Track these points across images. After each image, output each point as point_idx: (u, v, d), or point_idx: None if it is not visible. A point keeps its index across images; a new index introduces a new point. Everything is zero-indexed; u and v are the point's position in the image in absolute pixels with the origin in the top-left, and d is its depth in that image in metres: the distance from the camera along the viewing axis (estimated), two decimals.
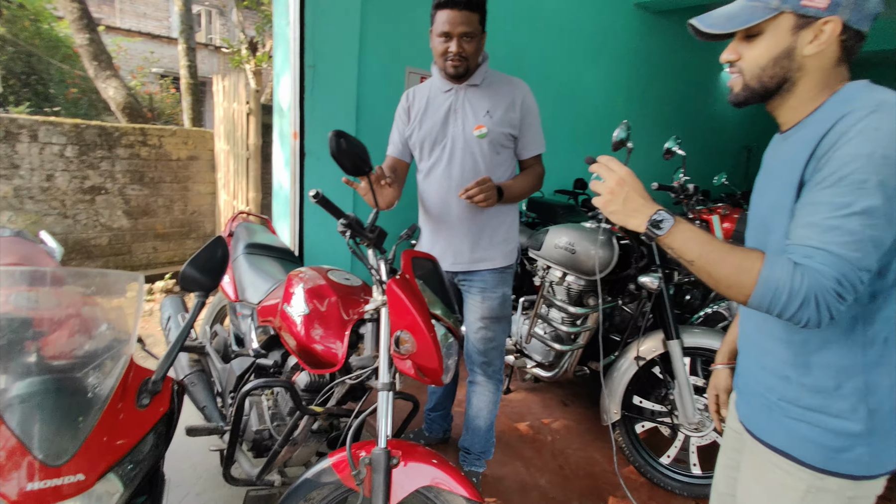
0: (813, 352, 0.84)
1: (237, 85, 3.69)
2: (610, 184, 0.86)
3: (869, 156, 0.70)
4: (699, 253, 0.80)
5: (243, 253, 2.00)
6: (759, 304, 0.76)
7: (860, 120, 0.71)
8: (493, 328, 1.80)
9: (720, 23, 0.83)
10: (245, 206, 3.76)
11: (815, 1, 0.76)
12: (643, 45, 4.57)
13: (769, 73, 0.82)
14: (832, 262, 0.71)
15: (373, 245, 1.36)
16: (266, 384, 1.40)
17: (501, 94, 1.66)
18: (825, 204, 0.72)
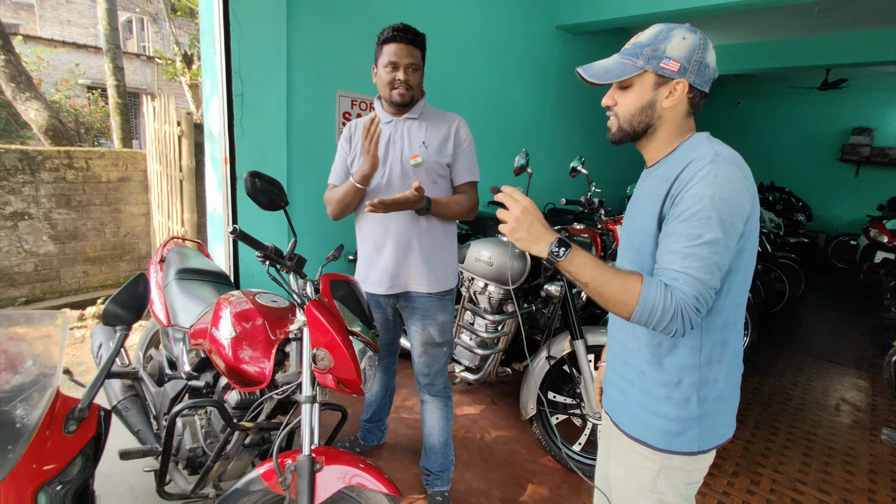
0: (665, 353, 1.03)
1: (168, 107, 3.68)
2: (515, 212, 0.97)
3: (711, 197, 0.88)
4: (592, 276, 0.94)
5: (175, 278, 2.05)
6: (639, 319, 0.91)
7: (703, 167, 0.90)
8: (433, 352, 1.88)
9: (599, 74, 1.00)
10: (180, 227, 3.74)
11: (670, 65, 0.95)
12: (565, 63, 4.91)
13: (637, 119, 1.01)
14: (692, 283, 0.88)
15: (292, 271, 1.50)
16: (196, 404, 1.50)
17: (437, 126, 1.75)
18: (682, 235, 0.90)
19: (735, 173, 0.91)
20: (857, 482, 2.35)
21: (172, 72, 7.90)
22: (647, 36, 0.99)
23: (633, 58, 0.98)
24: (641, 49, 0.97)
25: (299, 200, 2.98)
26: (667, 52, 0.95)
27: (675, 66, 0.95)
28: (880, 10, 4.55)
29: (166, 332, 1.99)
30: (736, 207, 0.89)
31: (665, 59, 0.95)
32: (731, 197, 0.89)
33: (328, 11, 2.88)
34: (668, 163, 1.00)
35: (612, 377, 1.19)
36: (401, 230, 1.77)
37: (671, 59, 0.95)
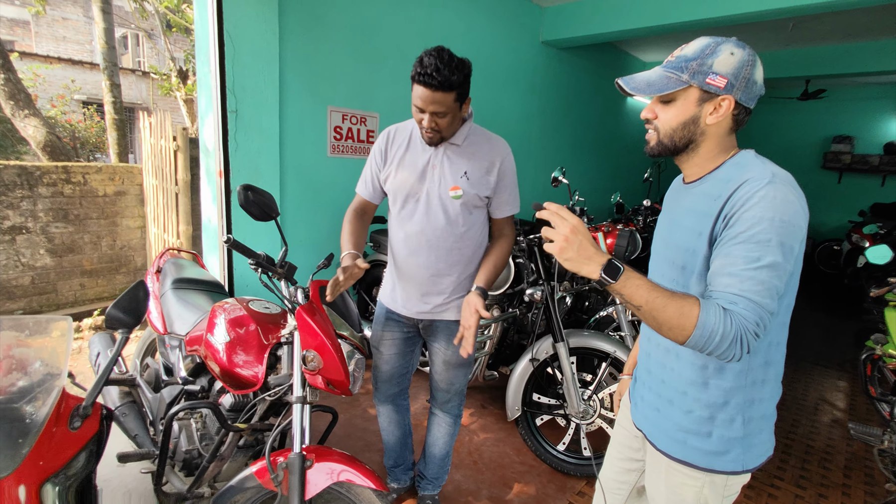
0: (711, 375, 1.01)
1: (164, 122, 3.78)
2: (564, 231, 0.90)
3: (771, 220, 0.86)
4: (646, 299, 0.88)
5: (171, 288, 2.13)
6: (696, 344, 0.86)
7: (760, 188, 0.88)
8: (454, 372, 1.83)
9: (641, 87, 0.97)
10: (176, 240, 3.82)
11: (716, 81, 0.92)
12: (551, 77, 5.06)
13: (679, 134, 0.98)
14: (752, 308, 0.85)
15: (283, 278, 1.59)
16: (191, 406, 1.57)
17: (480, 155, 1.63)
18: (740, 257, 0.87)
19: (792, 195, 0.89)
20: (833, 477, 2.44)
21: (168, 87, 8.00)
22: (693, 49, 0.95)
23: (678, 71, 0.95)
24: (687, 63, 0.94)
25: (291, 212, 3.07)
26: (714, 67, 0.92)
27: (722, 82, 0.92)
28: (851, 25, 4.74)
29: (163, 339, 2.06)
30: (794, 230, 0.87)
31: (712, 75, 0.92)
32: (790, 219, 0.87)
33: (319, 30, 3.00)
34: (715, 180, 0.98)
35: (645, 395, 1.16)
36: (431, 261, 1.68)
37: (718, 74, 0.92)
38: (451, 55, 1.44)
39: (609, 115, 6.44)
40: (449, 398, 1.88)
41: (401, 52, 3.45)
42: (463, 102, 1.53)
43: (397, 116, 3.52)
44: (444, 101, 1.46)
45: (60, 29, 13.84)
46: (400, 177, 1.66)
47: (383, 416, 1.99)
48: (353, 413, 2.70)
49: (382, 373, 1.91)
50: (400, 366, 1.89)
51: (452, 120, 1.53)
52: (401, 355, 1.88)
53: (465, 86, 1.50)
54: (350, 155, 3.34)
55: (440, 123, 1.51)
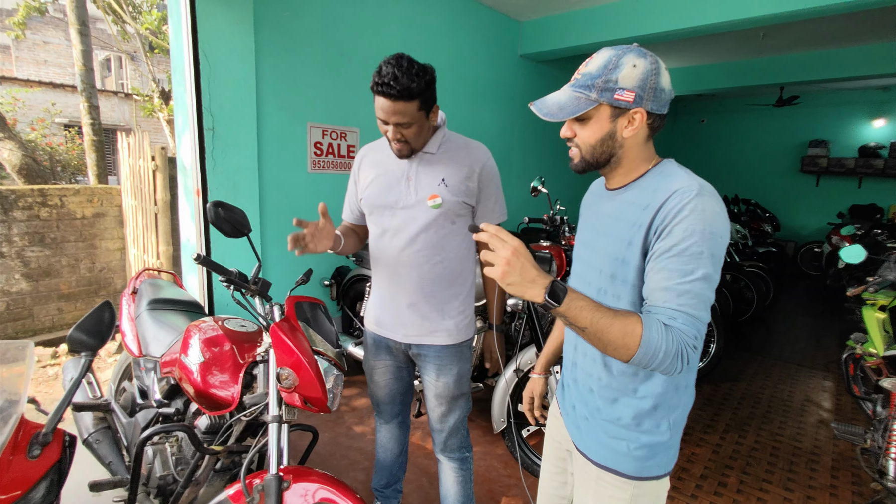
0: (640, 382, 1.01)
1: (142, 142, 3.75)
2: (505, 254, 0.87)
3: (702, 232, 0.86)
4: (591, 320, 0.87)
5: (146, 309, 2.09)
6: (639, 362, 0.87)
7: (690, 200, 0.87)
8: (449, 406, 1.68)
9: (553, 111, 0.95)
10: (156, 260, 3.77)
11: (625, 95, 0.91)
12: (531, 89, 5.13)
13: (598, 150, 0.98)
14: (691, 322, 0.86)
15: (257, 294, 1.56)
16: (164, 430, 1.53)
17: (458, 161, 1.54)
18: (675, 271, 0.87)
19: (718, 206, 0.90)
20: (821, 479, 2.44)
21: (150, 108, 7.98)
22: (596, 65, 0.94)
23: (586, 90, 0.94)
24: (593, 80, 0.93)
25: (272, 229, 3.04)
26: (619, 82, 0.91)
27: (630, 96, 0.92)
28: (820, 33, 4.89)
29: (138, 362, 2.01)
30: (722, 241, 0.89)
31: (619, 90, 0.91)
32: (718, 231, 0.88)
33: (296, 47, 3.01)
34: (640, 189, 0.98)
35: (574, 403, 1.15)
36: (413, 276, 1.59)
37: (624, 89, 0.91)
38: (411, 62, 1.39)
39: None
40: (445, 438, 1.71)
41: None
42: (429, 111, 1.46)
43: (378, 131, 3.54)
44: (405, 111, 1.39)
45: (42, 53, 13.77)
46: (373, 193, 1.60)
47: (384, 432, 1.89)
48: (338, 431, 2.65)
49: (381, 398, 1.81)
50: (398, 388, 1.79)
51: (420, 130, 1.46)
52: (396, 380, 1.77)
53: (427, 93, 1.42)
54: (331, 170, 3.33)
55: (406, 134, 1.44)
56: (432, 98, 1.46)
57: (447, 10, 3.96)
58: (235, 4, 2.63)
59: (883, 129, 7.72)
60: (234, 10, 2.63)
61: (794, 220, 8.49)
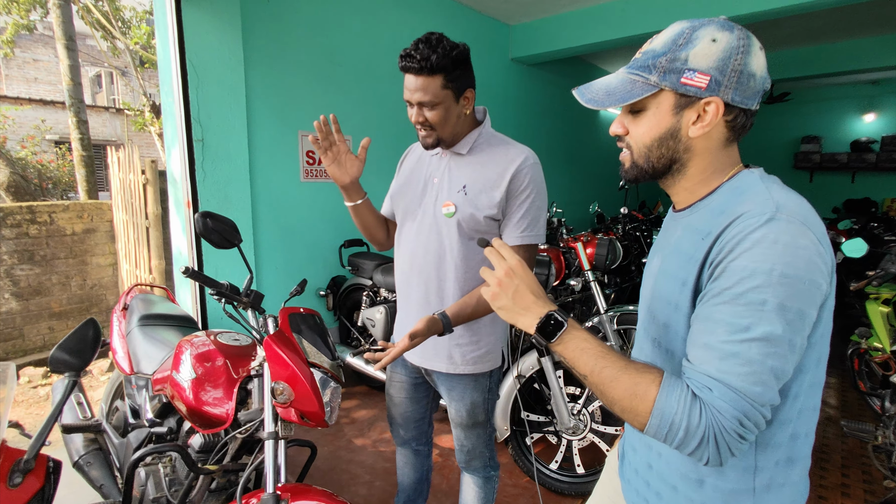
0: (708, 471, 0.76)
1: (132, 156, 3.70)
2: (498, 274, 0.76)
3: (768, 273, 0.62)
4: (591, 368, 0.70)
5: (137, 325, 2.03)
6: (656, 436, 0.67)
7: (757, 227, 0.64)
8: (465, 432, 1.54)
9: (599, 98, 0.76)
10: (149, 275, 3.71)
11: (695, 80, 0.69)
12: (523, 93, 5.12)
13: (655, 153, 0.76)
14: (732, 399, 0.63)
15: (250, 307, 1.51)
16: (156, 450, 1.47)
17: (488, 167, 1.34)
18: (722, 323, 0.65)
19: (806, 237, 0.64)
20: (831, 478, 2.39)
21: (142, 122, 7.95)
22: (662, 40, 0.73)
23: (645, 72, 0.73)
24: (655, 59, 0.72)
25: (266, 239, 3.00)
26: (690, 61, 0.69)
27: (704, 81, 0.69)
28: (809, 29, 4.91)
29: (129, 380, 1.96)
30: (806, 288, 0.63)
31: (688, 73, 0.69)
32: (799, 273, 0.63)
33: (286, 56, 2.98)
34: (705, 210, 0.75)
35: (632, 478, 0.91)
36: (421, 292, 1.43)
37: (696, 70, 0.69)
38: (441, 38, 1.25)
39: (582, 127, 6.52)
40: (466, 458, 1.59)
41: (371, 75, 3.45)
42: (459, 93, 1.29)
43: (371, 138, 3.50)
44: (428, 88, 1.24)
45: (31, 70, 13.74)
46: (401, 191, 1.48)
47: (400, 456, 1.79)
48: (337, 445, 2.59)
49: (395, 416, 1.69)
50: (413, 411, 1.65)
51: (446, 114, 1.28)
52: (412, 400, 1.63)
53: (456, 72, 1.25)
54: (324, 179, 3.29)
55: (430, 117, 1.28)
56: (464, 80, 1.29)
57: (437, 16, 3.95)
58: (223, 14, 2.60)
59: (874, 124, 7.76)
60: (222, 19, 2.60)
61: None
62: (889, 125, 7.63)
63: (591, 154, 6.78)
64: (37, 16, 7.68)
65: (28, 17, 7.62)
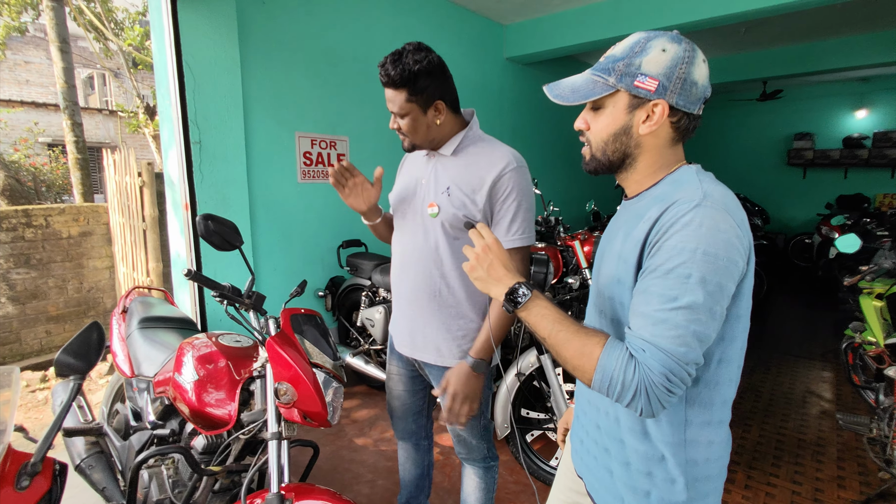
0: (651, 423, 0.85)
1: (128, 158, 3.69)
2: (476, 249, 0.87)
3: (693, 251, 0.72)
4: (549, 331, 0.80)
5: (137, 328, 2.04)
6: (599, 389, 0.77)
7: (687, 212, 0.74)
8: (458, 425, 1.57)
9: (566, 94, 0.85)
10: (146, 278, 3.70)
11: (645, 83, 0.79)
12: (518, 92, 5.14)
13: (611, 147, 0.86)
14: (660, 358, 0.72)
15: (251, 308, 1.52)
16: (160, 452, 1.48)
17: (470, 169, 1.37)
18: (655, 294, 0.74)
19: (726, 222, 0.74)
20: (827, 471, 2.42)
21: (135, 124, 7.91)
22: (622, 47, 0.83)
23: (605, 74, 0.83)
24: (614, 63, 0.82)
25: (264, 240, 3.00)
26: (642, 67, 0.79)
27: (652, 85, 0.79)
28: (800, 27, 4.95)
29: (130, 383, 1.96)
30: (725, 264, 0.73)
31: (640, 77, 0.80)
32: (718, 252, 0.73)
33: (282, 57, 2.98)
34: (649, 198, 0.85)
35: (583, 437, 1.01)
36: (410, 286, 1.49)
37: (647, 75, 0.79)
38: (411, 50, 1.30)
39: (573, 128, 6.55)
40: (465, 449, 1.62)
41: (366, 75, 3.46)
42: (427, 106, 1.33)
43: (367, 139, 3.51)
44: (394, 99, 1.32)
45: (23, 73, 13.64)
46: (395, 191, 1.56)
47: (401, 450, 1.82)
48: (339, 444, 2.60)
49: (394, 409, 1.73)
50: (412, 403, 1.69)
51: (414, 124, 1.34)
52: (410, 393, 1.67)
53: (420, 85, 1.30)
54: (321, 180, 3.30)
55: (402, 125, 1.36)
56: (431, 92, 1.33)
57: (432, 16, 3.96)
58: (219, 17, 2.60)
59: (865, 120, 7.83)
60: (218, 22, 2.60)
61: (782, 212, 8.57)
62: (880, 121, 7.70)
63: None
64: (28, 18, 7.64)
65: (19, 19, 7.58)
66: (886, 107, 7.66)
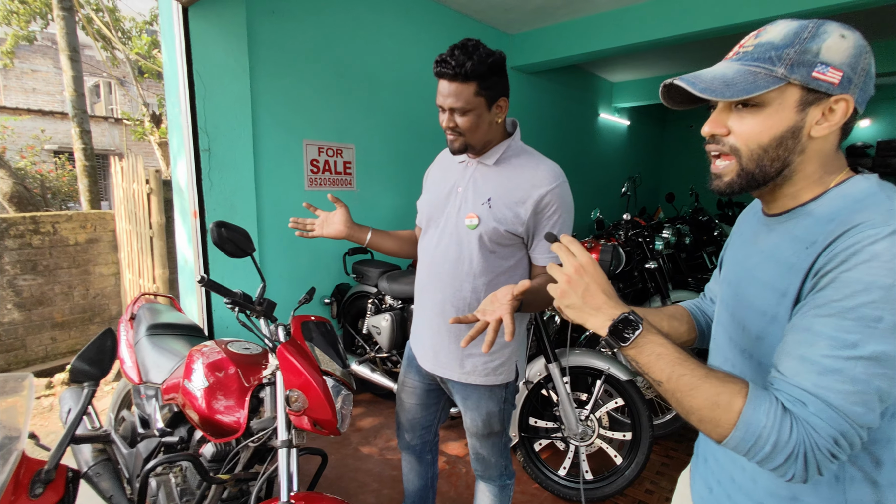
0: (801, 489, 0.71)
1: (136, 166, 3.72)
2: (569, 271, 0.72)
3: (888, 289, 0.57)
4: (668, 375, 0.66)
5: (146, 335, 2.04)
6: (736, 449, 0.64)
7: (878, 239, 0.59)
8: (479, 441, 1.55)
9: (716, 87, 0.68)
10: (152, 284, 3.71)
11: (828, 75, 0.65)
12: (523, 101, 5.17)
13: (771, 154, 0.69)
14: (830, 417, 0.60)
15: (262, 315, 1.52)
16: (169, 460, 1.47)
17: (515, 182, 1.33)
18: (825, 337, 0.61)
19: None
20: None
21: (141, 132, 7.98)
22: (781, 33, 0.68)
23: (767, 63, 0.67)
24: (778, 52, 0.67)
25: (271, 247, 3.01)
26: (822, 54, 0.65)
27: (837, 76, 0.65)
28: None
29: (138, 390, 1.96)
30: None
31: (820, 66, 0.65)
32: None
33: (290, 65, 3.01)
34: (810, 217, 0.70)
35: (713, 484, 0.85)
36: (437, 301, 1.44)
37: (829, 65, 0.65)
38: (477, 44, 1.25)
39: (582, 134, 6.57)
40: (481, 466, 1.59)
41: (374, 84, 3.49)
42: (492, 101, 1.30)
43: (374, 147, 3.53)
44: (460, 94, 1.25)
45: (30, 81, 13.78)
46: (426, 198, 1.50)
47: (405, 462, 1.81)
48: (345, 453, 2.59)
49: (403, 421, 1.72)
50: (421, 417, 1.67)
51: (477, 121, 1.29)
52: (422, 407, 1.65)
53: (490, 79, 1.26)
54: (328, 187, 3.31)
55: (460, 123, 1.29)
56: (498, 88, 1.30)
57: (440, 27, 3.99)
58: (229, 26, 2.63)
59: (869, 129, 7.84)
60: (228, 31, 2.63)
61: None
62: (883, 130, 7.71)
63: (591, 161, 6.83)
64: (37, 27, 7.73)
65: (28, 28, 7.67)
66: (889, 116, 7.68)
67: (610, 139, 7.50)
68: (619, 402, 2.19)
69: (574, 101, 6.21)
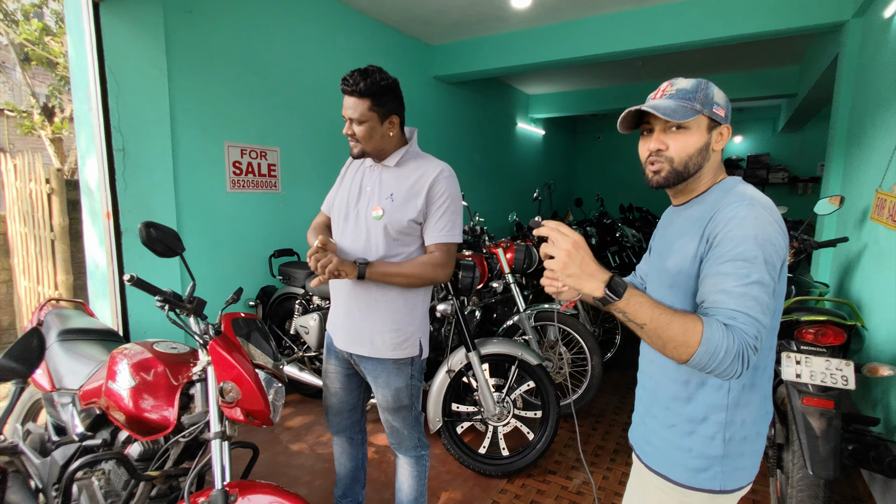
0: (693, 390, 1.04)
1: (33, 164, 3.44)
2: (566, 246, 0.89)
3: (755, 237, 0.90)
4: (650, 316, 0.88)
5: (57, 340, 1.96)
6: (700, 362, 0.86)
7: (741, 209, 0.93)
8: (392, 415, 1.74)
9: (669, 113, 0.99)
10: (54, 290, 3.44)
11: (719, 111, 1.02)
12: (444, 109, 5.41)
13: (694, 160, 1.03)
14: (751, 322, 0.87)
15: (192, 313, 1.57)
16: (94, 460, 1.47)
17: (411, 178, 1.59)
18: (730, 275, 0.89)
19: (771, 216, 0.94)
20: None
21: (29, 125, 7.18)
22: (690, 84, 1.03)
23: (689, 101, 1.01)
24: (692, 95, 1.01)
25: (193, 249, 2.95)
26: (714, 98, 1.01)
27: (722, 112, 1.02)
28: (685, 64, 5.71)
29: (51, 397, 1.88)
30: (776, 249, 0.91)
31: (715, 105, 1.01)
32: (771, 238, 0.91)
33: (210, 67, 2.98)
34: (703, 203, 1.04)
35: (640, 410, 1.21)
36: (349, 285, 1.65)
37: (718, 105, 1.02)
38: (376, 70, 1.51)
39: (500, 143, 6.97)
40: (396, 440, 1.79)
41: (296, 88, 3.52)
42: (384, 117, 1.54)
43: (298, 150, 3.56)
44: (356, 107, 1.50)
45: None
46: (339, 195, 1.72)
47: (336, 445, 1.94)
48: (276, 450, 2.62)
49: (330, 406, 1.86)
50: (346, 400, 1.83)
51: (371, 131, 1.53)
52: (346, 390, 1.82)
53: (382, 99, 1.51)
54: (252, 189, 3.30)
55: (357, 132, 1.54)
56: (390, 107, 1.55)
57: (360, 33, 4.10)
58: (144, 23, 2.57)
59: (741, 144, 9.11)
60: (144, 28, 2.57)
61: None
62: (752, 146, 9.01)
63: (508, 168, 7.25)
64: None
65: None
66: (757, 134, 8.97)
67: (526, 148, 7.99)
68: (530, 385, 2.44)
69: (493, 112, 6.58)
